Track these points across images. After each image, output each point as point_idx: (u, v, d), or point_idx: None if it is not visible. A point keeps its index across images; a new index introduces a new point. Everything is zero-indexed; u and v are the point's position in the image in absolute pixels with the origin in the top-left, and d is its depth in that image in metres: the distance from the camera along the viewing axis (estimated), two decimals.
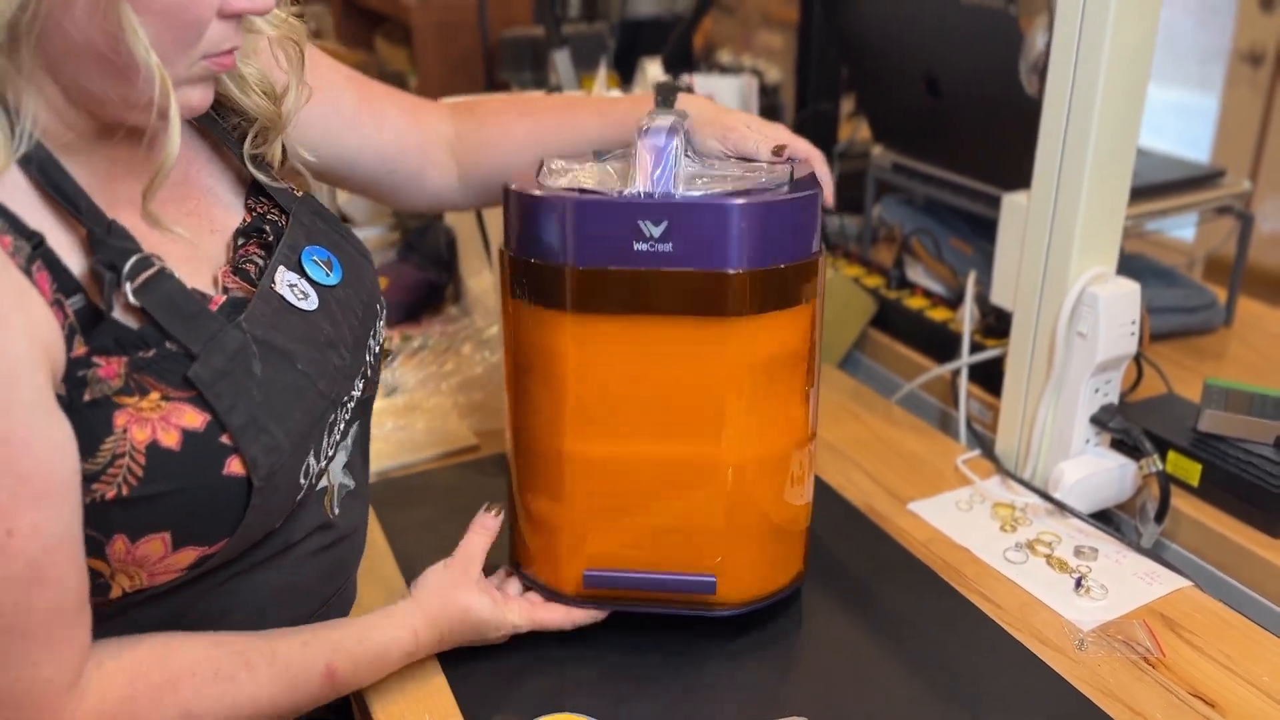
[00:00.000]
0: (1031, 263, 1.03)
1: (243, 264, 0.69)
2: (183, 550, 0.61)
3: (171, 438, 0.59)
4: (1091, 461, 1.03)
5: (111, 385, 0.57)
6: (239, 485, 0.62)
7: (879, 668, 0.82)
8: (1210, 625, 0.87)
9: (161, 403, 0.59)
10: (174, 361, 0.59)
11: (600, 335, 0.75)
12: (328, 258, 0.74)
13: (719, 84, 1.39)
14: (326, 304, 0.71)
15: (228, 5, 0.59)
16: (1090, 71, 0.93)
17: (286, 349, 0.66)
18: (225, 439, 0.60)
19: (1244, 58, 2.89)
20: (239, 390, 0.62)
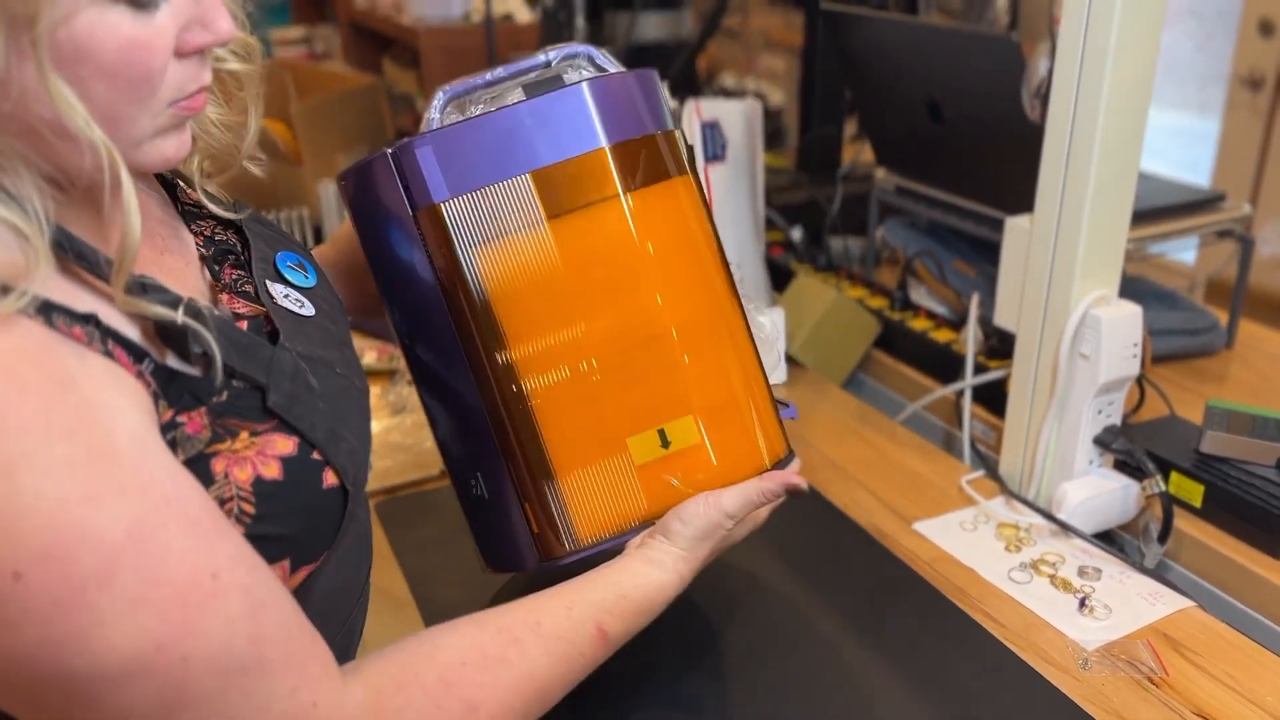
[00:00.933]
0: (1034, 285, 1.04)
1: (241, 286, 0.68)
2: (298, 572, 0.61)
3: (272, 469, 0.58)
4: (1095, 482, 1.04)
5: (202, 439, 0.56)
6: (336, 495, 0.62)
7: (885, 687, 0.82)
8: (1213, 645, 0.87)
9: (252, 439, 0.58)
10: (248, 397, 0.59)
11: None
12: (298, 260, 0.73)
13: (725, 106, 1.40)
14: (318, 305, 0.71)
15: (185, 43, 0.55)
16: (1092, 97, 0.94)
17: (324, 358, 0.66)
18: (316, 455, 0.61)
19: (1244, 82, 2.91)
20: (310, 408, 0.62)
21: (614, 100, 0.75)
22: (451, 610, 0.92)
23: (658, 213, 0.76)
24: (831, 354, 1.38)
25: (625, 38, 1.83)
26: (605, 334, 0.75)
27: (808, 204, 1.64)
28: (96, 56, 0.51)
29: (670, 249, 0.77)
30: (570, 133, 0.73)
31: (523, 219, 0.73)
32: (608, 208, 0.74)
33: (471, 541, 0.86)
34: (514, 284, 0.74)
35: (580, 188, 0.74)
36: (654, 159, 0.77)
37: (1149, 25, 0.93)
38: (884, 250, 1.62)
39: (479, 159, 0.73)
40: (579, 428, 0.75)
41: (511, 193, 0.73)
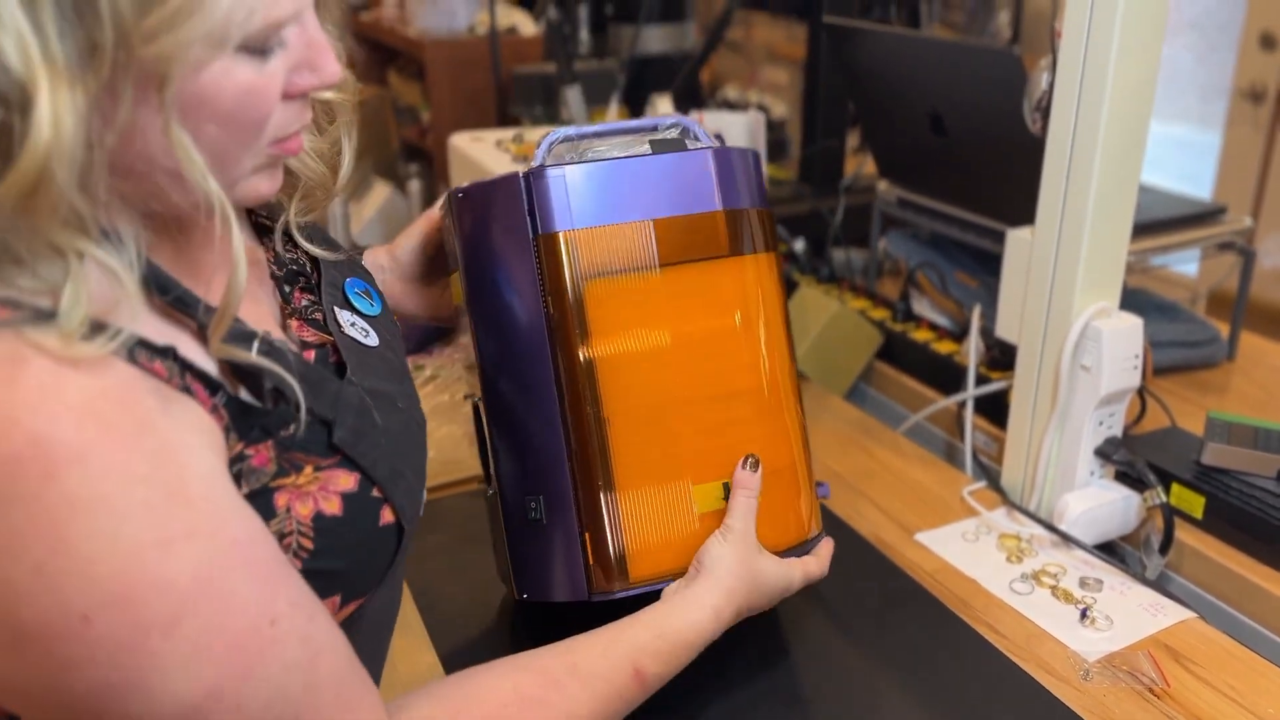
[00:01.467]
0: (1036, 298, 1.05)
1: (311, 313, 0.68)
2: (347, 607, 0.61)
3: (333, 505, 0.58)
4: (1096, 494, 1.05)
5: (267, 472, 0.56)
6: (391, 532, 0.62)
7: (887, 698, 0.83)
8: (1215, 657, 0.88)
9: (316, 474, 0.58)
10: (314, 431, 0.59)
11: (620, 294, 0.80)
12: (366, 288, 0.74)
13: (726, 120, 1.41)
14: (382, 335, 0.71)
15: (293, 86, 0.55)
16: (1093, 111, 0.95)
17: (387, 391, 0.66)
18: (376, 492, 0.61)
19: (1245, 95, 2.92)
20: (374, 444, 0.62)
21: (732, 171, 0.83)
22: (455, 620, 0.93)
23: (753, 279, 0.83)
24: (833, 365, 1.38)
25: (629, 50, 1.85)
26: (691, 381, 0.80)
27: (810, 215, 1.65)
28: (217, 105, 0.51)
29: (758, 315, 0.83)
30: (693, 191, 0.81)
31: (637, 260, 0.79)
32: (715, 265, 0.81)
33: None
34: (617, 319, 0.78)
35: (693, 242, 0.80)
36: (756, 230, 0.84)
37: (1150, 38, 0.93)
38: (886, 262, 1.63)
39: (607, 197, 0.79)
40: (651, 466, 0.79)
41: (631, 235, 0.79)
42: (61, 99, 0.44)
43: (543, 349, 0.79)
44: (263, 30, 0.51)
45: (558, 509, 0.79)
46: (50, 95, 0.44)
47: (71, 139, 0.45)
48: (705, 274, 0.81)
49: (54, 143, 0.45)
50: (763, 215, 0.86)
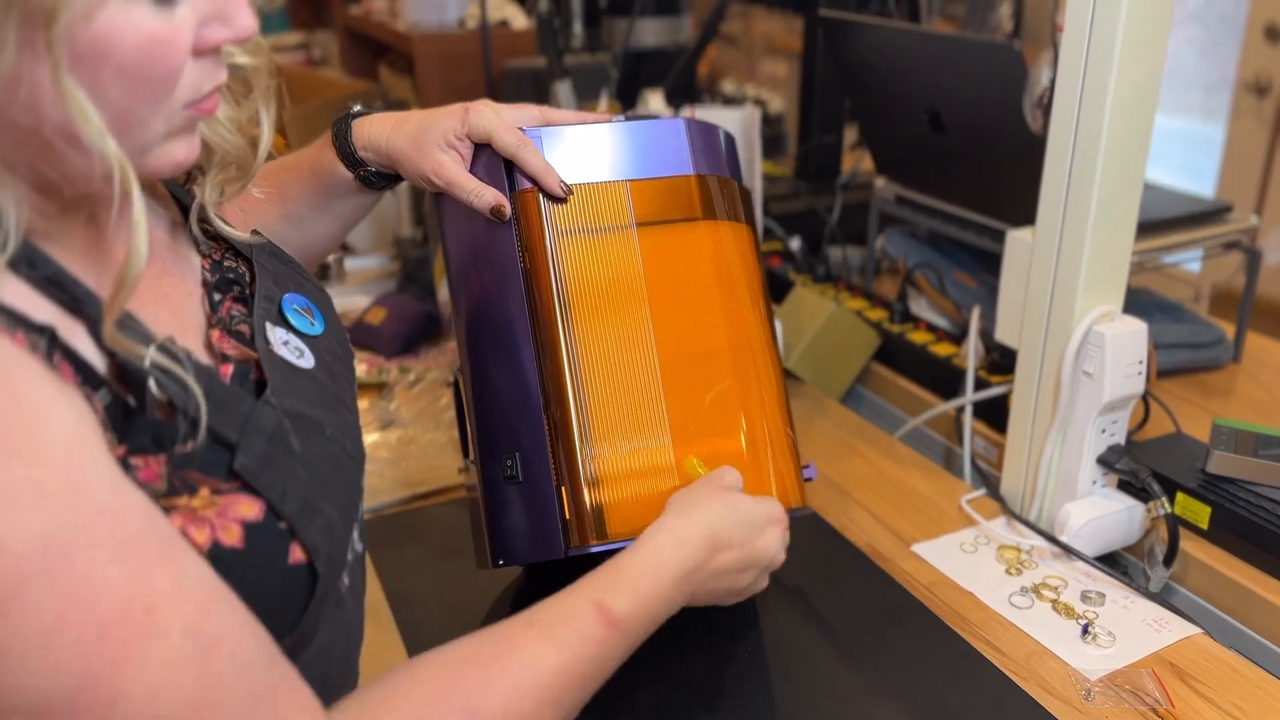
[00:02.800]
0: (1036, 301, 1.02)
1: (235, 325, 0.63)
2: None
3: (233, 534, 0.53)
4: (1098, 503, 1.01)
5: (156, 489, 0.51)
6: (303, 574, 0.56)
7: (880, 718, 0.79)
8: (1221, 675, 0.85)
9: (214, 498, 0.53)
10: (215, 452, 0.53)
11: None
12: (307, 305, 0.69)
13: (721, 114, 1.38)
14: (320, 357, 0.66)
15: (204, 40, 0.51)
16: (1096, 107, 0.91)
17: (313, 417, 0.60)
18: (283, 525, 0.55)
19: (1249, 88, 2.88)
20: (286, 473, 0.56)
21: (704, 140, 0.87)
22: (436, 634, 0.90)
23: (730, 244, 0.86)
24: (829, 367, 1.35)
25: (623, 44, 1.81)
26: (667, 338, 0.81)
27: (806, 213, 1.62)
28: (115, 55, 0.46)
29: (733, 278, 0.85)
30: (667, 155, 0.84)
31: (613, 220, 0.82)
32: (690, 227, 0.84)
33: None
34: (593, 277, 0.80)
35: (667, 204, 0.83)
36: (731, 199, 0.88)
37: (1155, 32, 0.90)
38: (883, 260, 1.60)
39: (583, 158, 0.82)
40: (626, 421, 0.79)
41: (607, 194, 0.82)
42: None
43: (520, 306, 0.80)
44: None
45: (534, 465, 0.79)
46: None
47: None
48: (680, 234, 0.83)
49: None
50: (736, 187, 0.89)
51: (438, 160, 0.82)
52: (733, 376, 0.82)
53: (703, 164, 0.86)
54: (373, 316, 1.48)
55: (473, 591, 0.94)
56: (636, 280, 0.81)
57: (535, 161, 0.80)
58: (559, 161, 0.81)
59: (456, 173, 0.82)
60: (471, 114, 0.82)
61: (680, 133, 0.85)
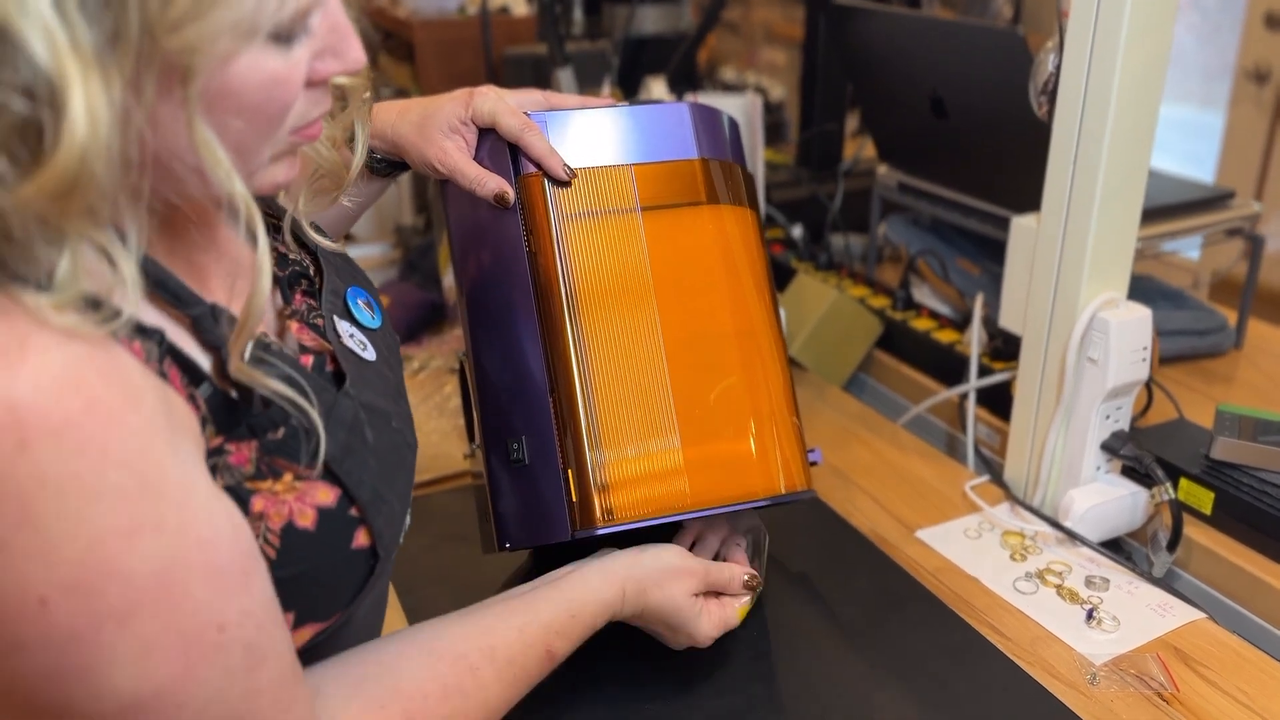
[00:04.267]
0: (1041, 287, 1.02)
1: (312, 318, 0.65)
2: (301, 629, 0.58)
3: (308, 518, 0.56)
4: (1102, 489, 1.02)
5: (244, 471, 0.54)
6: (364, 558, 0.59)
7: (885, 704, 0.80)
8: (1225, 659, 0.85)
9: (296, 483, 0.56)
10: (302, 440, 0.56)
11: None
12: (368, 299, 0.71)
13: (723, 101, 1.37)
14: (380, 350, 0.69)
15: (317, 72, 0.53)
16: (1102, 93, 0.91)
17: (382, 408, 0.63)
18: (354, 512, 0.58)
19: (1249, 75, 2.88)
20: (361, 462, 0.59)
21: (708, 124, 0.87)
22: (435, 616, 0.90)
23: (734, 228, 0.85)
24: (832, 355, 1.35)
25: (623, 31, 1.81)
26: (672, 320, 0.81)
27: (808, 201, 1.61)
28: (241, 97, 0.48)
29: (738, 263, 0.85)
30: (672, 140, 0.84)
31: (618, 203, 0.81)
32: (695, 211, 0.84)
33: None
34: (598, 261, 0.80)
35: (672, 188, 0.83)
36: (735, 184, 0.87)
37: (1161, 17, 0.90)
38: (886, 248, 1.60)
39: (588, 142, 0.82)
40: (635, 403, 0.79)
41: (612, 178, 0.82)
42: (95, 91, 0.42)
43: (525, 292, 0.80)
44: (292, 18, 0.48)
45: (540, 449, 0.79)
46: (83, 87, 0.41)
47: (108, 133, 0.43)
48: (685, 219, 0.83)
49: (91, 138, 0.42)
50: (740, 172, 0.88)
51: (441, 146, 0.82)
52: (739, 362, 0.82)
53: (707, 148, 0.85)
54: None
55: (478, 578, 0.94)
56: (642, 265, 0.81)
57: (539, 145, 0.80)
58: (564, 146, 0.81)
59: (460, 159, 0.82)
60: (476, 98, 0.82)
61: (685, 117, 0.85)
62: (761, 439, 0.82)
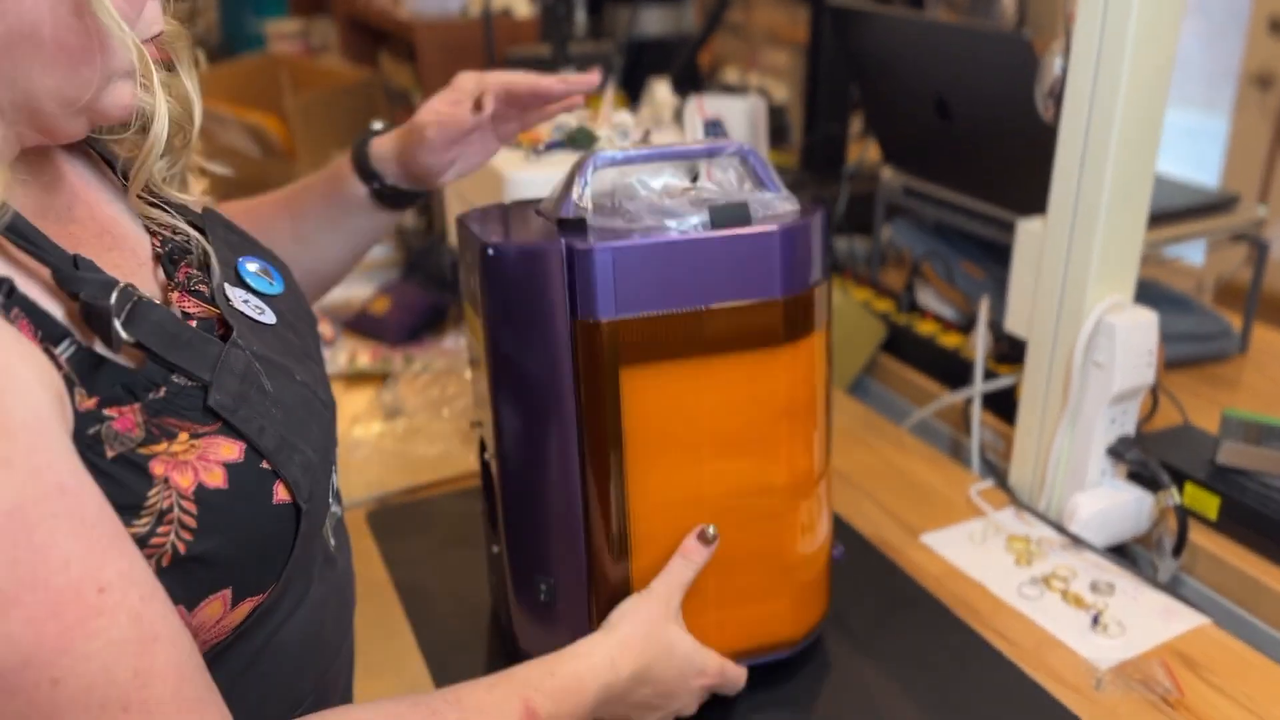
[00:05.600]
0: (1047, 291, 1.01)
1: (195, 285, 0.62)
2: (240, 605, 0.55)
3: (216, 476, 0.53)
4: (1107, 494, 1.01)
5: (133, 438, 0.51)
6: (288, 513, 0.56)
7: (893, 708, 0.79)
8: (1230, 665, 0.85)
9: (194, 441, 0.53)
10: (189, 395, 0.53)
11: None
12: (264, 266, 0.69)
13: (728, 104, 1.37)
14: (281, 315, 0.66)
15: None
16: (1108, 96, 0.91)
17: (281, 363, 0.61)
18: (265, 465, 0.55)
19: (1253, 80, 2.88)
20: (260, 411, 0.56)
21: (797, 250, 0.73)
22: (443, 623, 0.90)
23: (805, 365, 0.76)
24: (836, 358, 1.35)
25: (626, 32, 1.80)
26: (724, 477, 0.75)
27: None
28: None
29: (803, 405, 0.77)
30: (753, 277, 0.72)
31: (683, 348, 0.72)
32: (767, 355, 0.73)
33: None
34: (654, 410, 0.72)
35: (746, 331, 0.72)
36: (812, 311, 0.76)
37: (1167, 20, 0.90)
38: (890, 251, 1.59)
39: (657, 281, 0.70)
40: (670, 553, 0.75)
41: (680, 323, 0.71)
42: None
43: (569, 433, 0.73)
44: None
45: (568, 593, 0.76)
46: None
47: None
48: (755, 364, 0.73)
49: None
50: (826, 288, 0.78)
51: (433, 109, 0.83)
52: (786, 512, 0.78)
53: (792, 283, 0.73)
54: (376, 306, 1.48)
55: (480, 580, 0.94)
56: (703, 415, 0.73)
57: (552, 82, 0.78)
58: (631, 282, 0.70)
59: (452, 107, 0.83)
60: (456, 78, 0.82)
61: (772, 247, 0.72)
62: (795, 592, 0.80)
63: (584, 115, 1.40)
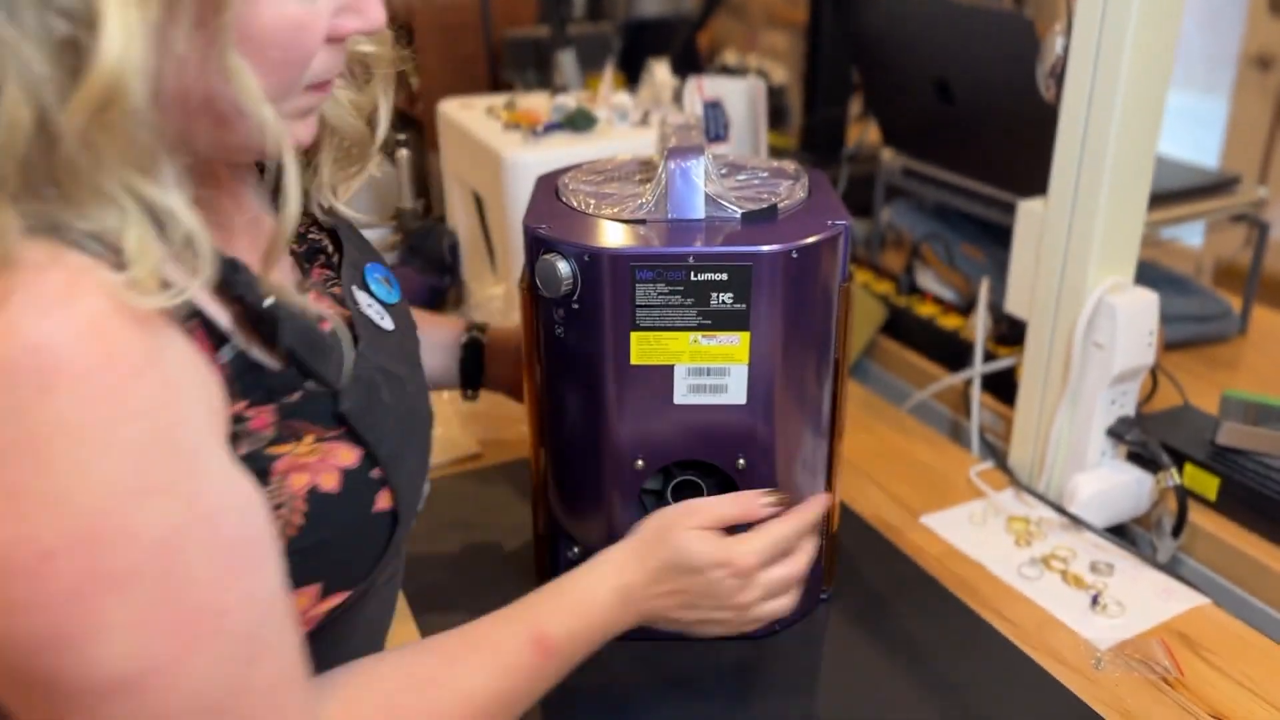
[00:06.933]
0: (1047, 272, 1.01)
1: (329, 287, 0.65)
2: (329, 598, 0.57)
3: (331, 480, 0.55)
4: (1107, 475, 1.01)
5: (265, 436, 0.53)
6: (385, 520, 0.59)
7: (893, 689, 0.80)
8: (1229, 644, 0.85)
9: (317, 444, 0.55)
10: (319, 400, 0.56)
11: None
12: (386, 274, 0.72)
13: (727, 85, 1.37)
14: (398, 323, 0.69)
15: (338, 28, 0.53)
16: (1110, 76, 0.91)
17: (399, 372, 0.63)
18: (376, 473, 0.58)
19: (1253, 62, 2.87)
20: (380, 420, 0.58)
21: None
22: (446, 606, 0.89)
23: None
24: None
25: (625, 13, 1.79)
26: None
27: None
28: (263, 37, 0.49)
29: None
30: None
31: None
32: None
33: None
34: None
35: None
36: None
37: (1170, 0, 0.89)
38: (890, 233, 1.59)
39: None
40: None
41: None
42: (130, 10, 0.43)
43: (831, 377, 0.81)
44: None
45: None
46: (119, 6, 0.43)
47: (142, 51, 0.43)
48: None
49: (125, 54, 0.43)
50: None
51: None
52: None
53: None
54: None
55: (480, 563, 0.94)
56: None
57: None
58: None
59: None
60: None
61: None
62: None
63: (583, 96, 1.40)
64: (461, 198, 1.42)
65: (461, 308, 1.44)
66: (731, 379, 0.76)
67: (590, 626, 0.67)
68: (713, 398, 0.76)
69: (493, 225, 1.32)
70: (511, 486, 1.06)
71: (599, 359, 0.76)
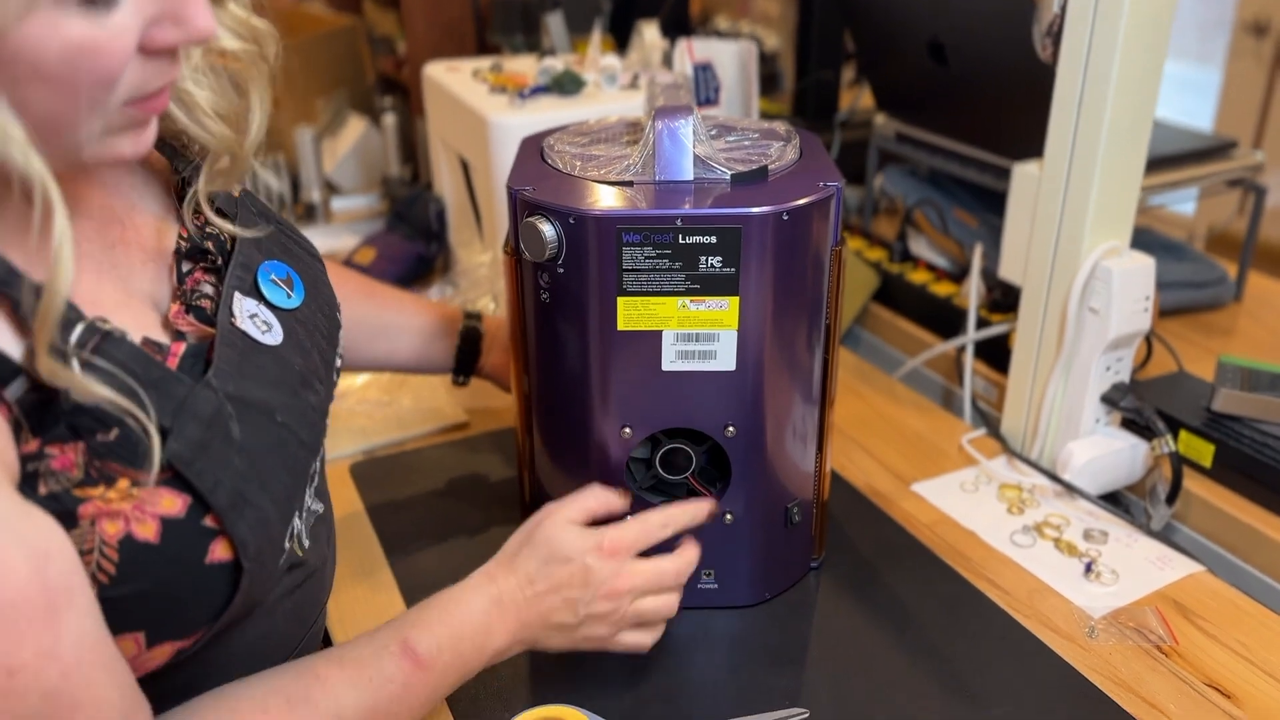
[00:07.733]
0: (1043, 236, 1.00)
1: (196, 300, 0.59)
2: (157, 648, 0.53)
3: (148, 529, 0.50)
4: (1101, 442, 1.00)
5: (70, 477, 0.48)
6: (224, 571, 0.53)
7: (883, 658, 0.79)
8: (1224, 611, 0.84)
9: (133, 490, 0.50)
10: (141, 441, 0.50)
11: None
12: (286, 274, 0.65)
13: (719, 48, 1.34)
14: (292, 332, 0.62)
15: (152, 40, 0.48)
16: (1108, 36, 0.88)
17: (263, 401, 0.57)
18: (209, 521, 0.52)
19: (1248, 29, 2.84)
20: (220, 463, 0.53)
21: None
22: (427, 577, 0.88)
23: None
24: None
25: None
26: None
27: None
28: (36, 64, 0.44)
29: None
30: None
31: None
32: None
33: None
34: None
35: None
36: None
37: None
38: (882, 200, 1.57)
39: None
40: None
41: None
42: None
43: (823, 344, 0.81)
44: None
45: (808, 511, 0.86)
46: None
47: None
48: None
49: None
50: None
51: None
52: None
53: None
54: (361, 257, 1.45)
55: (466, 533, 0.93)
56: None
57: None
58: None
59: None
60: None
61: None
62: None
63: (571, 60, 1.37)
64: (448, 163, 1.39)
65: (450, 274, 1.42)
66: (721, 345, 0.74)
67: (460, 636, 0.64)
68: (702, 364, 0.75)
69: (479, 191, 1.30)
70: (499, 455, 1.05)
71: (585, 325, 0.74)
